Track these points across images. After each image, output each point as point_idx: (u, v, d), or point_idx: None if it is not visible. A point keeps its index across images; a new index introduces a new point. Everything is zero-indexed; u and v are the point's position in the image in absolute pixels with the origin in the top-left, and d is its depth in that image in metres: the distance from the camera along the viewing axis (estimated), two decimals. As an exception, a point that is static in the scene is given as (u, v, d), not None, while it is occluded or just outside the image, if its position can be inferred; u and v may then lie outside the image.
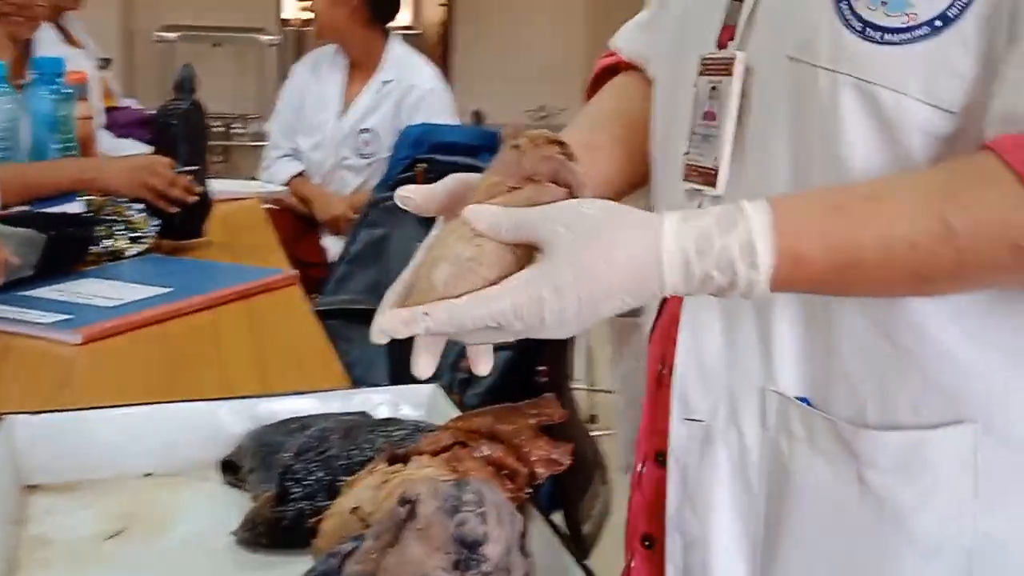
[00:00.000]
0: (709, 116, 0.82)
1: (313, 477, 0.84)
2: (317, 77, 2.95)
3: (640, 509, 0.88)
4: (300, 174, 2.91)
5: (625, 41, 1.01)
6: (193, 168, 1.79)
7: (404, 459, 0.78)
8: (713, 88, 0.81)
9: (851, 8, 0.70)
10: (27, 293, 1.46)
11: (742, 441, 0.80)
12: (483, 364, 0.76)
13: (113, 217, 1.79)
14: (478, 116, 2.05)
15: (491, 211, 0.68)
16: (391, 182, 2.04)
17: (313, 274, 2.20)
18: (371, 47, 2.86)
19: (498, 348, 1.74)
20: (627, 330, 1.02)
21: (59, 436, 0.93)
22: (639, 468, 0.88)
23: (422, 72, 2.88)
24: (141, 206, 1.81)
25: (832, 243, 0.66)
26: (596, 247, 0.66)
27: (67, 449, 0.93)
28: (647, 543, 0.87)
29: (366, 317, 1.71)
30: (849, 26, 0.70)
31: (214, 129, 6.15)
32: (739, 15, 0.79)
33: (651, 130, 0.93)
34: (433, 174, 2.00)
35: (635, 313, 1.03)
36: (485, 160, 1.99)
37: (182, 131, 1.80)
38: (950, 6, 0.67)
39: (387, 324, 0.68)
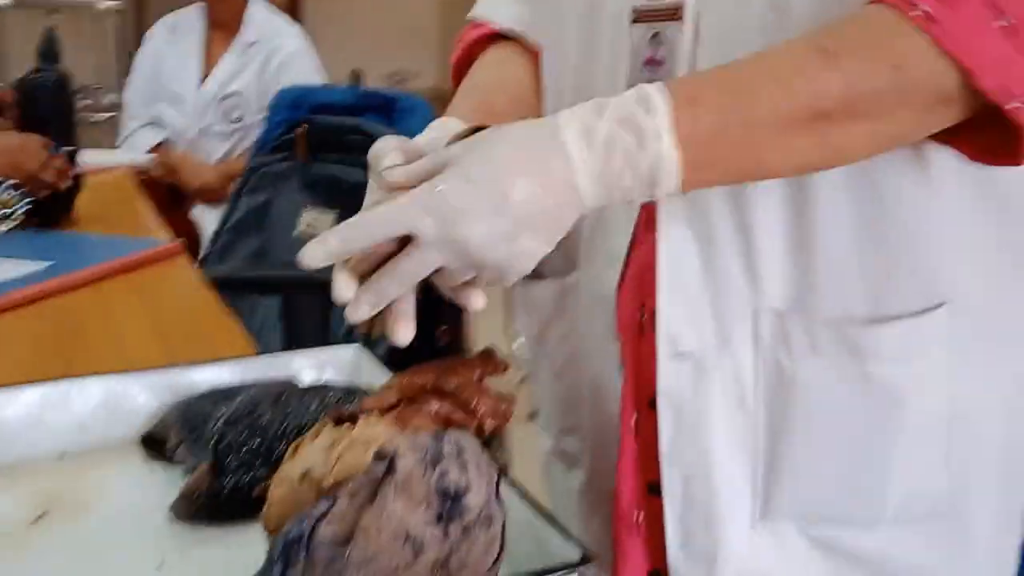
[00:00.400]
0: (652, 63, 0.82)
1: (247, 446, 0.81)
2: (174, 41, 2.83)
3: (644, 456, 0.88)
4: (163, 143, 2.80)
5: (495, 12, 1.00)
6: (70, 149, 1.69)
7: (351, 419, 0.76)
8: (655, 35, 0.81)
9: None
10: None
11: (736, 365, 0.82)
12: (403, 330, 0.73)
13: None
14: (356, 76, 2.00)
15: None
16: (272, 146, 1.98)
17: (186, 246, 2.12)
18: (235, 8, 2.76)
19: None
20: (564, 292, 1.01)
21: (-38, 420, 0.87)
22: (632, 421, 0.88)
23: (287, 33, 2.80)
24: (12, 182, 1.70)
25: (724, 82, 0.68)
26: (493, 137, 0.67)
27: (-30, 433, 0.87)
28: (655, 491, 0.87)
29: (255, 286, 1.67)
30: None
31: (55, 102, 5.86)
32: None
33: (546, 96, 0.93)
34: (315, 136, 1.95)
35: (566, 271, 1.03)
36: (369, 119, 1.97)
37: (50, 105, 1.69)
38: None
39: (309, 252, 0.66)
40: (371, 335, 0.78)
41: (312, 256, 0.65)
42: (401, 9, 7.78)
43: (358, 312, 0.68)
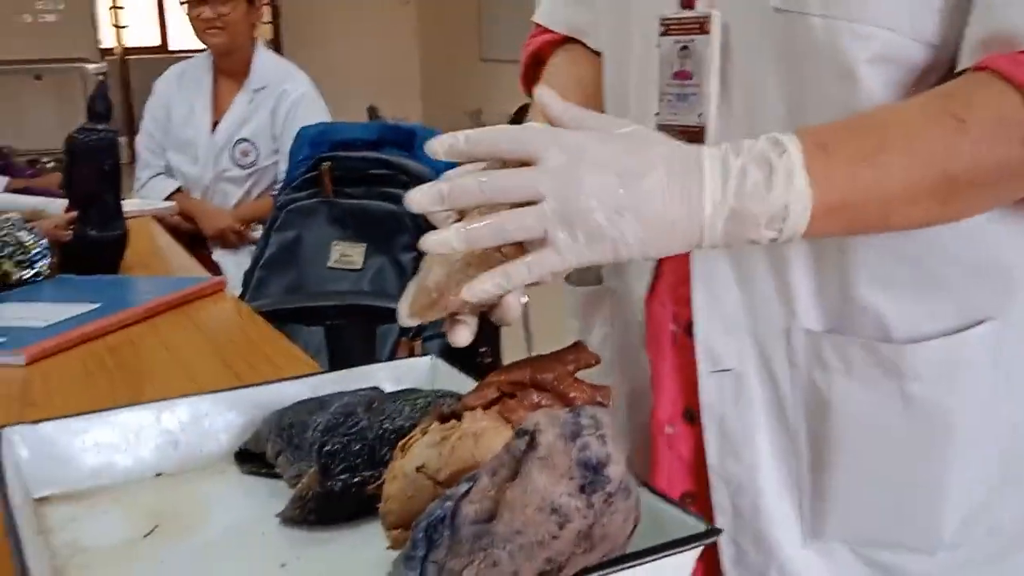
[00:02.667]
0: (682, 75, 0.83)
1: (350, 450, 0.83)
2: (182, 90, 2.86)
3: (677, 469, 0.90)
4: (178, 190, 2.82)
5: (554, 17, 1.02)
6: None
7: (455, 416, 0.78)
8: (684, 48, 0.83)
9: None
10: (-57, 322, 1.38)
11: (775, 382, 0.82)
12: (464, 333, 0.74)
13: (3, 239, 1.70)
14: (374, 112, 2.04)
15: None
16: (297, 183, 2.01)
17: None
18: (242, 56, 2.80)
19: (431, 336, 1.74)
20: (595, 299, 1.03)
21: (59, 445, 0.88)
22: (668, 430, 0.89)
23: (295, 77, 2.84)
24: (31, 225, 1.72)
25: (854, 132, 0.70)
26: (644, 131, 0.69)
27: (66, 458, 0.88)
28: (688, 500, 0.89)
29: (299, 316, 1.69)
30: None
31: (49, 164, 5.90)
32: None
33: (605, 98, 0.95)
34: (340, 171, 1.98)
35: (600, 280, 1.05)
36: (390, 153, 2.00)
37: (99, 164, 1.68)
38: None
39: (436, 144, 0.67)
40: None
41: (438, 147, 0.66)
42: (377, 60, 7.88)
43: (479, 290, 0.67)
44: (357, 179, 1.95)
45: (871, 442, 0.80)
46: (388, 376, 1.01)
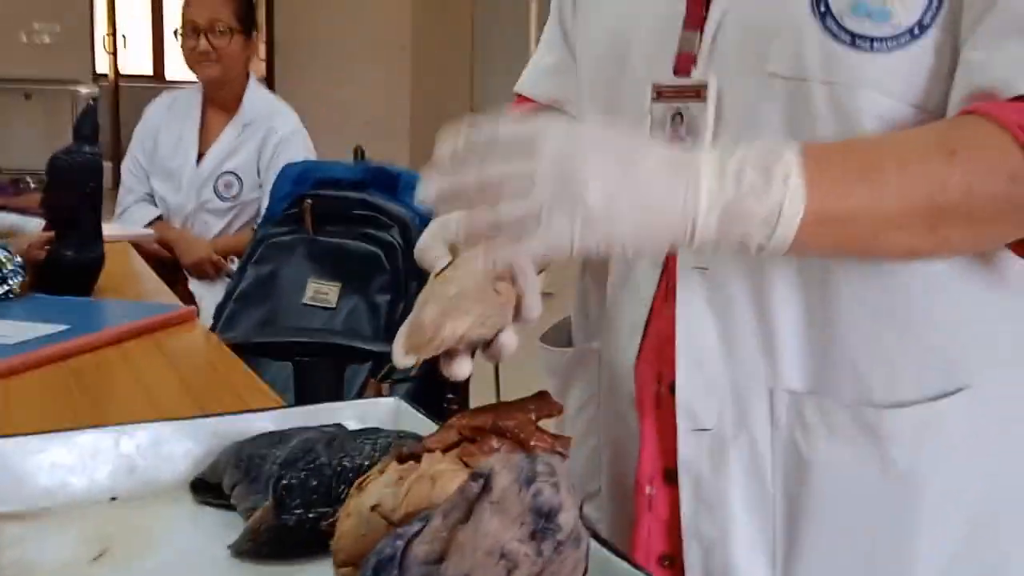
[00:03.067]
0: (674, 140, 0.85)
1: (307, 486, 0.83)
2: (171, 119, 2.87)
3: (655, 530, 0.90)
4: (159, 218, 2.82)
5: (536, 86, 1.05)
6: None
7: (414, 457, 0.78)
8: (677, 114, 0.84)
9: (837, 23, 0.76)
10: (-91, 335, 1.37)
11: (753, 443, 0.83)
12: (463, 366, 0.74)
13: None
14: (359, 152, 2.06)
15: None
16: (278, 218, 2.01)
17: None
18: (235, 90, 2.82)
19: (401, 380, 1.74)
20: (581, 359, 1.04)
21: (10, 463, 0.88)
22: (648, 491, 0.90)
23: (283, 115, 2.85)
24: (5, 243, 1.72)
25: (850, 151, 0.72)
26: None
27: (21, 476, 0.88)
28: (666, 562, 0.89)
29: (268, 351, 1.69)
30: (838, 39, 0.76)
31: (32, 184, 5.88)
32: (698, 43, 0.83)
33: None
34: (321, 209, 1.99)
35: (570, 342, 1.06)
36: (372, 194, 2.01)
37: (81, 186, 1.67)
38: (924, 14, 0.74)
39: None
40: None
41: (442, 140, 0.66)
42: (371, 99, 7.94)
43: (501, 259, 0.67)
44: (338, 218, 1.96)
45: (846, 503, 0.81)
46: (352, 415, 1.01)
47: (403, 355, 0.71)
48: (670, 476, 0.88)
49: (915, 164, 0.71)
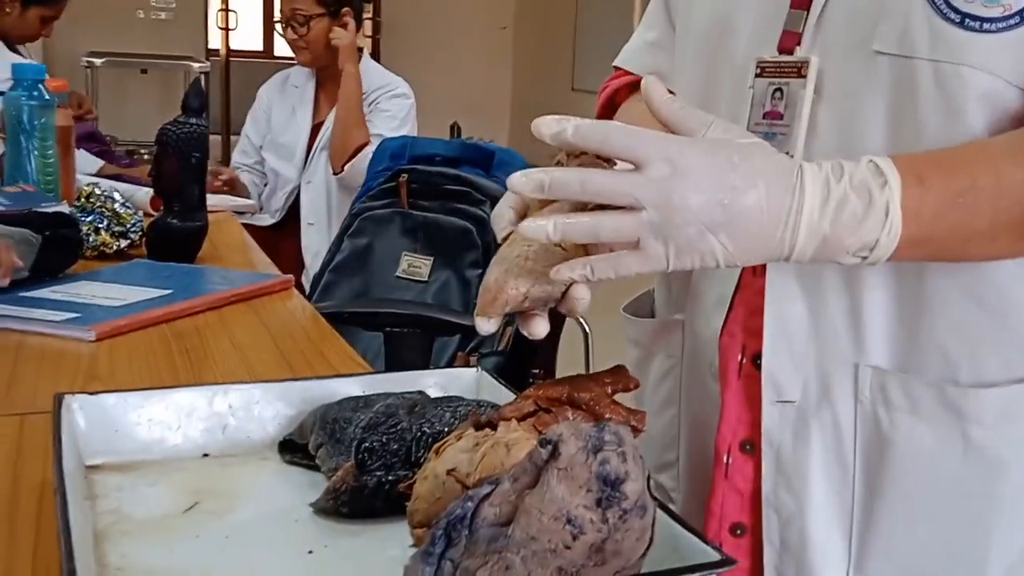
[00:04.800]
0: (772, 115, 0.86)
1: (388, 449, 0.85)
2: (284, 96, 2.95)
3: (730, 499, 0.91)
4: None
5: (635, 60, 1.05)
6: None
7: (490, 425, 0.80)
8: (778, 90, 0.85)
9: (947, 2, 0.75)
10: (27, 294, 1.44)
11: (835, 417, 0.84)
12: (539, 325, 0.76)
13: (100, 210, 1.77)
14: (456, 129, 2.09)
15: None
16: (374, 192, 2.05)
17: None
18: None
19: (489, 354, 1.77)
20: (664, 330, 1.05)
21: (115, 417, 0.92)
22: (725, 460, 0.91)
23: (399, 84, 2.90)
24: (123, 199, 1.79)
25: (949, 168, 0.71)
26: (747, 143, 0.70)
27: (120, 430, 0.92)
28: (739, 531, 0.90)
29: (361, 321, 1.73)
30: (946, 18, 0.75)
31: (146, 155, 6.10)
32: (804, 21, 0.84)
33: None
34: (417, 184, 2.03)
35: (653, 313, 1.06)
36: (466, 170, 2.04)
37: (188, 156, 1.72)
38: None
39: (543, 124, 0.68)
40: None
41: (544, 129, 0.67)
42: (473, 82, 7.99)
43: (564, 276, 0.69)
44: (433, 193, 1.99)
45: (925, 481, 0.81)
46: (435, 383, 1.03)
47: (477, 318, 0.73)
48: (749, 447, 0.89)
49: (1008, 177, 0.70)
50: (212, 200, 2.53)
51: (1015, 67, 0.75)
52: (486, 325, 0.74)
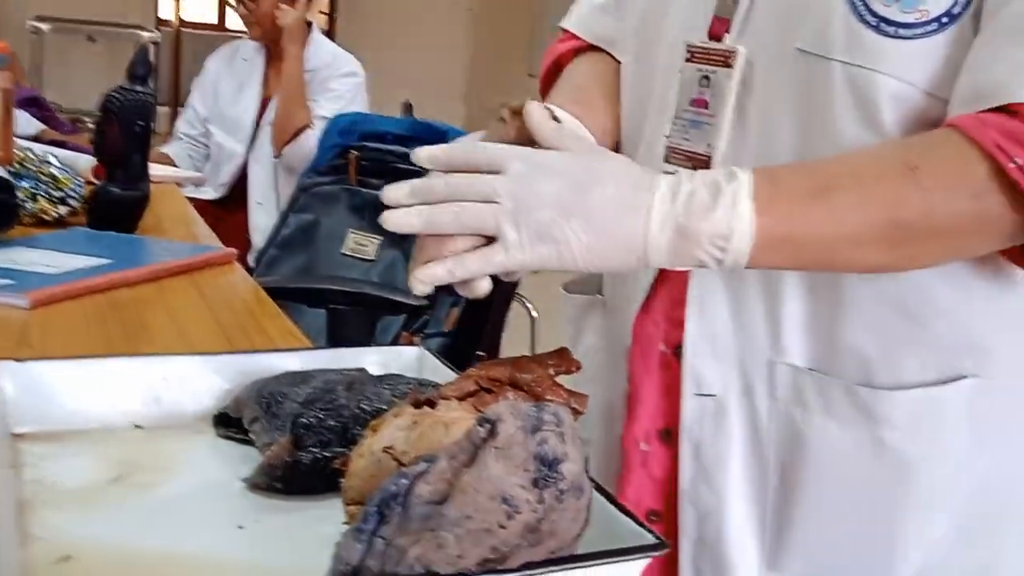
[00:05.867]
0: (699, 103, 0.85)
1: (325, 425, 0.84)
2: (233, 69, 2.90)
3: (646, 487, 0.90)
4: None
5: (583, 24, 1.04)
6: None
7: (429, 404, 0.78)
8: (705, 77, 0.85)
9: (866, 5, 0.75)
10: (-42, 259, 1.40)
11: (754, 413, 0.84)
12: (481, 285, 0.76)
13: (36, 174, 1.72)
14: (408, 107, 2.06)
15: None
16: (323, 168, 2.03)
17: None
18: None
19: (434, 334, 1.75)
20: (589, 307, 1.04)
21: (44, 385, 0.90)
22: (642, 447, 0.90)
23: (349, 62, 2.86)
24: (60, 163, 1.75)
25: (806, 171, 0.72)
26: (600, 148, 0.74)
27: (53, 398, 0.90)
28: (653, 518, 0.89)
29: (305, 297, 1.71)
30: (864, 21, 0.75)
31: (90, 124, 5.96)
32: (735, 8, 0.83)
33: (622, 112, 0.96)
34: (366, 161, 2.00)
35: (597, 290, 1.06)
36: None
37: (131, 125, 1.68)
38: (954, 3, 0.73)
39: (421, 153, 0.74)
40: None
41: (422, 156, 0.72)
42: (428, 62, 7.93)
43: (431, 275, 0.72)
44: (382, 171, 1.97)
45: (838, 482, 0.81)
46: (376, 361, 1.02)
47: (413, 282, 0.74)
48: (668, 436, 0.88)
49: (873, 182, 0.70)
50: (156, 171, 2.48)
51: (928, 74, 0.74)
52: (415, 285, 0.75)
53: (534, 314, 2.39)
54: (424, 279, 0.72)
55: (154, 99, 1.77)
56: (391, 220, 0.71)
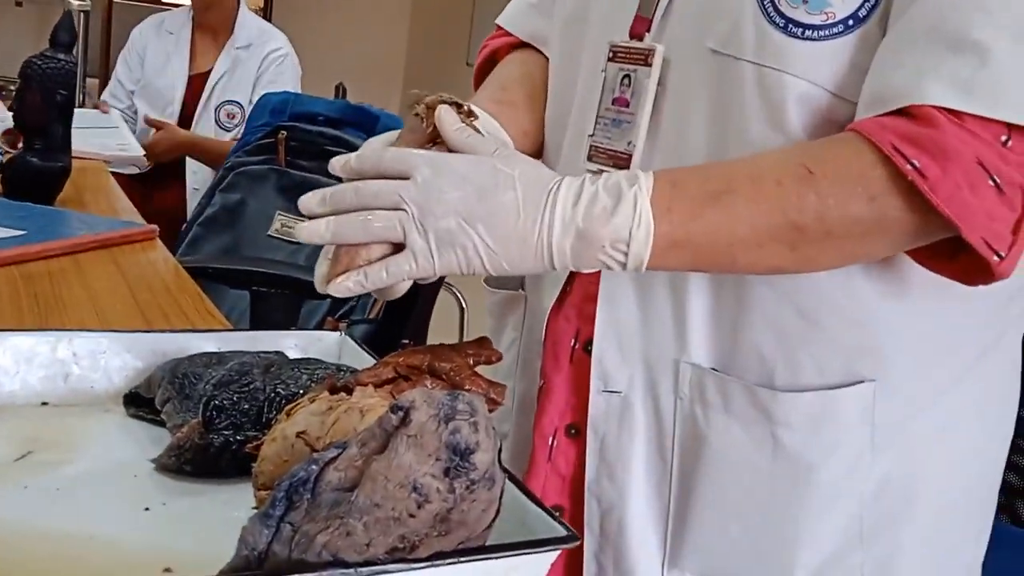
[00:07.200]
0: (620, 102, 0.86)
1: (238, 408, 0.82)
2: (159, 40, 2.84)
3: (552, 482, 0.91)
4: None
5: (516, 21, 1.04)
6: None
7: (346, 389, 0.78)
8: (626, 76, 0.85)
9: (774, 6, 0.76)
10: None
11: (659, 411, 0.84)
12: (397, 288, 0.77)
13: None
14: (341, 90, 2.03)
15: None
16: (251, 147, 1.99)
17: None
18: (224, 13, 2.79)
19: (359, 321, 1.74)
20: (510, 302, 1.04)
21: (-53, 359, 0.87)
22: (550, 442, 0.91)
23: (276, 39, 2.83)
24: None
25: (707, 175, 0.73)
26: (509, 151, 0.74)
27: (-46, 373, 0.87)
28: (557, 512, 0.89)
29: (227, 278, 1.68)
30: (772, 22, 0.76)
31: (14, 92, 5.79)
32: (655, 8, 0.84)
33: (547, 110, 0.97)
34: (296, 142, 1.98)
35: (519, 286, 1.06)
36: (349, 132, 1.99)
37: (53, 93, 1.64)
38: (860, 6, 0.74)
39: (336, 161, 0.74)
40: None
41: (336, 164, 0.73)
42: (367, 44, 7.86)
43: (343, 287, 0.73)
44: (312, 153, 1.95)
45: (737, 481, 0.82)
46: (295, 344, 1.00)
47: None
48: (574, 432, 0.89)
49: (769, 185, 0.71)
50: (97, 146, 2.42)
51: (834, 76, 0.75)
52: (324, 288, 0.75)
53: (463, 304, 2.39)
54: (337, 292, 0.72)
55: (75, 67, 1.73)
56: (303, 233, 0.71)
